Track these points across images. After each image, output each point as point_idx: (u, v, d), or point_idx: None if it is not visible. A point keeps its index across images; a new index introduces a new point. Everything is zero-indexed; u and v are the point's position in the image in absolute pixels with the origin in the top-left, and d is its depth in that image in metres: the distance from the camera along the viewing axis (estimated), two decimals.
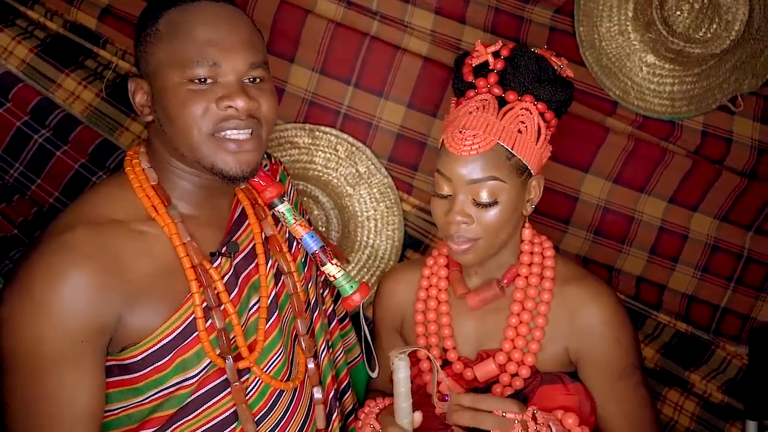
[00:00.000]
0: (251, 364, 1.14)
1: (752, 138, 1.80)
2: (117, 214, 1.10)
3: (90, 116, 1.82)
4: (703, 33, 1.72)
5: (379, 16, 1.80)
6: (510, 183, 1.20)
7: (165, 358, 1.09)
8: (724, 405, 1.85)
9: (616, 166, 1.82)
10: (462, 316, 1.35)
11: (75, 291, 1.02)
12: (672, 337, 1.88)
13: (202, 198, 1.18)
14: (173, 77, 1.07)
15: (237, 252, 1.19)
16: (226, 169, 1.11)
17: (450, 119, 1.27)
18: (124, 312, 1.06)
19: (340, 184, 1.84)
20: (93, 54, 1.85)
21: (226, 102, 1.08)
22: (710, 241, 1.85)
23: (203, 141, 1.09)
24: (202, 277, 1.11)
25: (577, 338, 1.27)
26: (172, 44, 1.09)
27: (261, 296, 1.20)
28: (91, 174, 1.81)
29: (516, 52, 1.24)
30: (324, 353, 1.33)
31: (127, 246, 1.08)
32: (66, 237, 1.05)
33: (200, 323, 1.10)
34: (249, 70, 1.11)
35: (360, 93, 1.82)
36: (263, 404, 1.17)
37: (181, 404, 1.11)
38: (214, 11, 1.11)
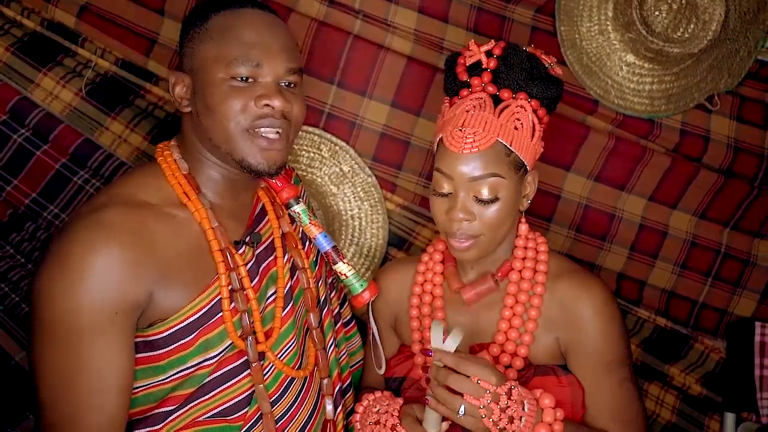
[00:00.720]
0: (267, 350, 1.22)
1: (729, 136, 1.84)
2: (149, 198, 1.18)
3: (69, 116, 1.79)
4: (681, 33, 1.75)
5: (361, 15, 1.80)
6: (509, 179, 1.23)
7: (189, 336, 1.15)
8: (703, 398, 1.89)
9: (597, 165, 1.85)
10: (456, 310, 1.38)
11: (109, 264, 1.08)
12: (652, 332, 1.91)
13: (228, 190, 1.27)
14: (217, 73, 1.18)
15: (259, 242, 1.27)
16: (255, 163, 1.20)
17: (446, 118, 1.28)
18: (155, 288, 1.12)
19: (324, 184, 1.84)
20: (71, 52, 1.82)
21: (264, 101, 1.18)
22: (689, 238, 1.89)
23: (238, 134, 1.18)
24: (228, 260, 1.19)
25: (568, 330, 1.29)
26: (219, 44, 1.19)
27: (278, 287, 1.27)
28: (73, 174, 1.78)
29: (508, 50, 1.27)
30: (332, 348, 1.40)
31: (159, 227, 1.15)
32: (101, 214, 1.11)
33: (225, 303, 1.18)
34: (286, 74, 1.21)
35: (343, 92, 1.82)
36: (275, 389, 1.24)
37: (200, 384, 1.17)
38: (261, 17, 1.23)
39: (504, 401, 1.14)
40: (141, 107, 1.84)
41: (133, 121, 1.81)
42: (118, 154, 1.80)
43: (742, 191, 1.85)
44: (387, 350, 1.48)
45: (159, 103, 1.84)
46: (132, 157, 1.80)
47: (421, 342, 1.40)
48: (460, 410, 1.14)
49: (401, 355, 1.44)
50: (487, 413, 1.13)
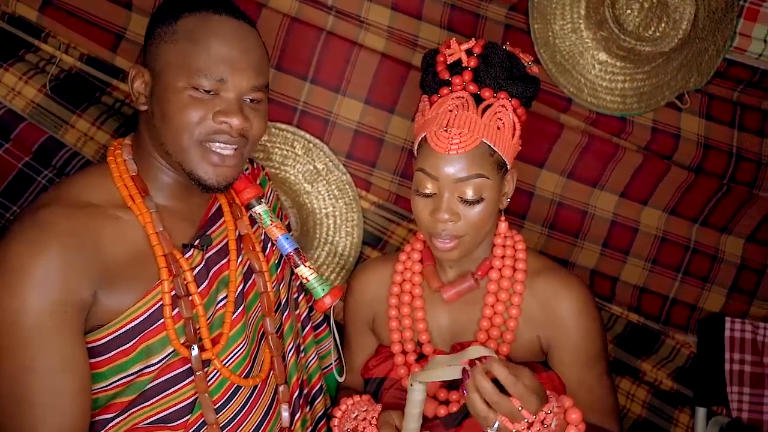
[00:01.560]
0: (213, 356, 1.18)
1: (698, 134, 1.87)
2: (94, 199, 1.15)
3: (33, 113, 1.73)
4: (652, 31, 1.76)
5: (334, 11, 1.78)
6: (493, 179, 1.23)
7: (129, 342, 1.12)
8: (674, 392, 1.92)
9: (570, 162, 1.86)
10: (436, 309, 1.37)
11: (52, 264, 1.05)
12: (624, 327, 1.94)
13: (179, 192, 1.23)
14: (179, 81, 1.13)
15: (210, 246, 1.23)
16: (204, 178, 1.17)
17: (428, 118, 1.27)
18: (99, 290, 1.09)
19: (297, 182, 1.81)
20: (34, 48, 1.76)
21: (222, 117, 1.14)
22: (659, 234, 1.91)
23: (191, 146, 1.15)
24: (172, 265, 1.15)
25: (549, 327, 1.30)
26: (185, 50, 1.14)
27: (229, 291, 1.23)
28: (36, 173, 1.72)
29: (488, 49, 1.27)
30: (291, 354, 1.36)
31: (103, 228, 1.12)
32: (42, 214, 1.08)
33: (167, 310, 1.14)
34: (250, 91, 1.17)
35: (317, 89, 1.79)
36: (219, 396, 1.20)
37: (141, 391, 1.14)
38: (232, 27, 1.17)
39: (536, 428, 1.10)
40: (108, 104, 1.79)
41: (99, 118, 1.76)
42: (84, 153, 1.75)
43: (711, 188, 1.88)
44: (364, 350, 1.47)
45: (126, 101, 1.79)
46: (98, 156, 1.75)
47: (400, 342, 1.38)
48: (494, 426, 1.08)
49: (380, 356, 1.42)
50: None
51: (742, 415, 1.83)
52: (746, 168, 1.88)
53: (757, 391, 1.83)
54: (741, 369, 1.85)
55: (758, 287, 1.93)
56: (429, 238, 1.28)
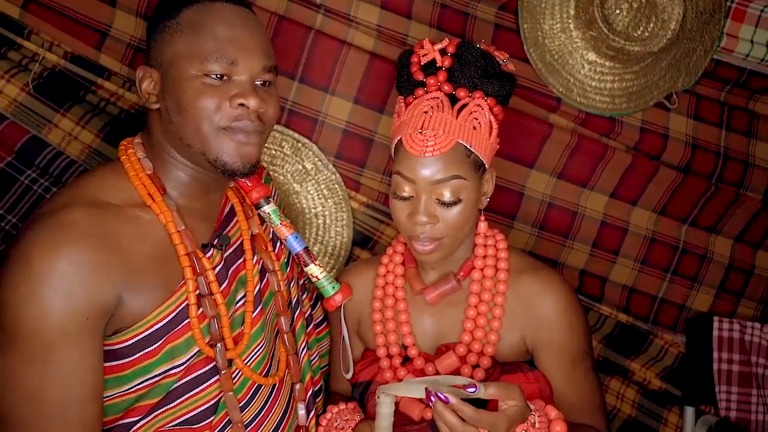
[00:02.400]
0: (235, 357, 1.17)
1: (687, 134, 1.87)
2: (112, 199, 1.12)
3: (15, 112, 1.70)
4: (641, 31, 1.77)
5: (323, 9, 1.77)
6: (470, 180, 1.22)
7: (155, 344, 1.09)
8: (663, 392, 1.92)
9: (559, 162, 1.85)
10: (419, 312, 1.36)
11: (76, 266, 1.01)
12: (614, 328, 1.94)
13: (195, 191, 1.20)
14: (190, 69, 1.11)
15: (228, 245, 1.22)
16: (230, 162, 1.14)
17: (403, 120, 1.25)
18: (124, 292, 1.06)
19: (286, 182, 1.79)
20: (16, 45, 1.73)
21: (239, 100, 1.12)
22: (648, 234, 1.91)
23: (213, 133, 1.12)
24: (195, 264, 1.13)
25: (533, 327, 1.29)
26: (191, 38, 1.12)
27: (247, 291, 1.22)
28: (19, 173, 1.69)
29: (462, 48, 1.25)
30: (304, 352, 1.36)
31: (124, 229, 1.09)
32: (63, 215, 1.04)
33: (192, 310, 1.12)
34: (262, 73, 1.15)
35: (305, 88, 1.78)
36: (243, 395, 1.20)
37: (166, 392, 1.12)
38: (235, 12, 1.16)
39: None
40: (92, 103, 1.76)
41: (83, 117, 1.73)
42: (68, 152, 1.72)
43: (700, 188, 1.89)
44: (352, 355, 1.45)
45: (112, 99, 1.76)
46: (83, 156, 1.72)
47: (385, 346, 1.37)
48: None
49: (366, 360, 1.40)
50: None
51: (730, 414, 1.84)
52: (734, 168, 1.89)
53: (745, 390, 1.84)
54: (729, 368, 1.86)
55: (746, 287, 1.94)
56: (409, 241, 1.27)
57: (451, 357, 1.29)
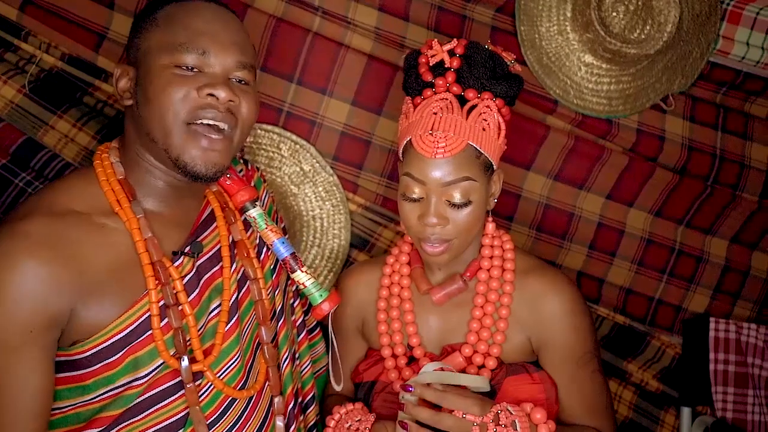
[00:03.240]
0: (205, 368, 1.13)
1: (683, 136, 1.88)
2: (79, 206, 1.09)
3: (11, 114, 1.69)
4: (637, 34, 1.78)
5: (321, 11, 1.77)
6: (480, 181, 1.22)
7: (116, 355, 1.07)
8: (660, 393, 1.93)
9: (556, 164, 1.86)
10: (425, 312, 1.36)
11: (27, 279, 1.00)
12: (611, 329, 1.94)
13: (170, 197, 1.17)
14: (161, 60, 1.09)
15: (201, 253, 1.18)
16: (191, 164, 1.10)
17: (412, 121, 1.25)
18: (77, 305, 1.04)
19: (284, 184, 1.79)
20: (14, 47, 1.72)
21: (207, 90, 1.09)
22: (645, 236, 1.92)
23: (177, 127, 1.09)
24: (160, 274, 1.10)
25: (539, 327, 1.30)
26: (165, 30, 1.11)
27: (223, 300, 1.18)
28: (14, 176, 1.68)
29: (470, 49, 1.25)
30: (286, 363, 1.32)
31: (86, 238, 1.07)
32: (22, 225, 1.03)
33: (155, 321, 1.09)
34: (236, 68, 1.13)
35: (303, 90, 1.78)
36: (214, 410, 1.16)
37: (129, 405, 1.09)
38: (213, 10, 1.16)
39: (492, 429, 1.13)
40: (89, 105, 1.75)
41: (80, 119, 1.72)
42: (64, 155, 1.71)
43: (696, 190, 1.89)
44: (354, 355, 1.45)
45: (109, 101, 1.76)
46: (79, 158, 1.72)
47: (390, 346, 1.37)
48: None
49: (370, 360, 1.41)
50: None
51: (726, 414, 1.84)
52: (729, 170, 1.90)
53: (742, 391, 1.85)
54: (725, 369, 1.86)
55: (742, 288, 1.95)
56: (418, 243, 1.27)
57: (457, 358, 1.30)
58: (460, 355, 1.29)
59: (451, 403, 1.15)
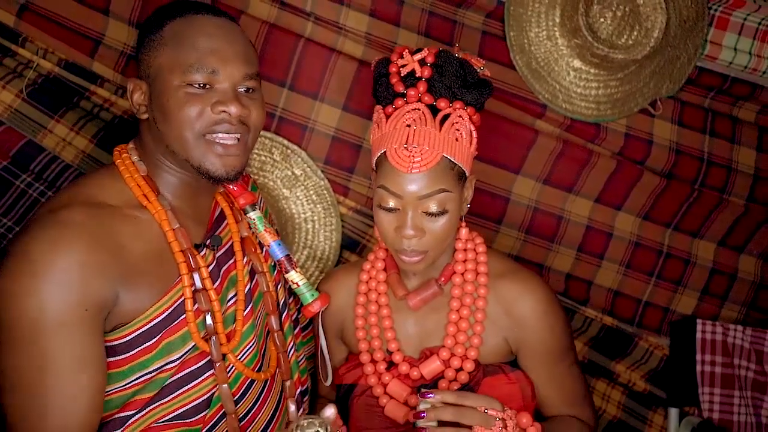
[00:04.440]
0: (228, 352, 1.21)
1: (670, 140, 1.90)
2: (110, 200, 1.17)
3: (11, 118, 1.73)
4: (625, 39, 1.80)
5: (313, 17, 1.79)
6: (455, 191, 1.23)
7: (152, 339, 1.14)
8: (648, 393, 1.95)
9: (545, 168, 1.88)
10: (403, 317, 1.38)
11: (73, 263, 1.06)
12: (599, 330, 1.96)
13: (186, 193, 1.26)
14: (173, 80, 1.17)
15: (219, 245, 1.27)
16: (213, 169, 1.20)
17: (385, 132, 1.25)
18: (120, 289, 1.11)
19: (276, 187, 1.82)
20: (11, 52, 1.76)
21: (220, 107, 1.17)
22: (633, 239, 1.94)
23: (194, 141, 1.18)
24: (191, 261, 1.18)
25: (515, 328, 1.32)
26: (175, 51, 1.18)
27: (238, 290, 1.27)
28: (15, 177, 1.72)
29: (441, 58, 1.25)
30: (292, 351, 1.40)
31: (121, 228, 1.14)
32: (63, 214, 1.09)
33: (189, 304, 1.17)
34: (243, 80, 1.20)
35: (295, 95, 1.81)
36: (237, 389, 1.24)
37: (161, 387, 1.16)
38: (216, 24, 1.21)
39: (511, 426, 1.16)
40: (86, 109, 1.79)
41: (77, 123, 1.76)
42: (63, 157, 1.75)
43: (683, 193, 1.91)
44: (335, 359, 1.47)
45: (105, 105, 1.79)
46: (77, 160, 1.76)
47: (369, 352, 1.38)
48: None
49: (350, 363, 1.42)
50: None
51: (713, 415, 1.87)
52: (717, 173, 1.92)
53: (728, 392, 1.87)
54: (712, 370, 1.89)
55: (729, 290, 1.97)
56: (395, 253, 1.29)
57: (435, 361, 1.31)
58: (438, 359, 1.31)
59: (472, 401, 1.17)
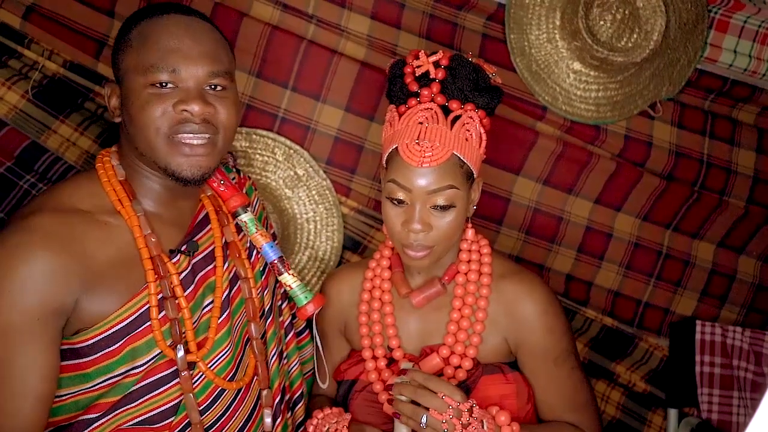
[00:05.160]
0: (198, 359, 1.20)
1: (670, 142, 1.91)
2: (83, 205, 1.17)
3: (15, 118, 1.75)
4: (624, 42, 1.81)
5: (315, 19, 1.81)
6: (462, 189, 1.26)
7: (116, 344, 1.13)
8: (647, 394, 1.96)
9: (545, 169, 1.90)
10: (405, 314, 1.40)
11: (35, 269, 1.07)
12: (599, 331, 1.97)
13: (166, 198, 1.25)
14: (138, 81, 1.16)
15: (196, 251, 1.26)
16: (179, 170, 1.18)
17: (397, 129, 1.29)
18: (82, 295, 1.11)
19: (278, 187, 1.84)
20: (17, 54, 1.78)
21: (181, 106, 1.15)
22: (633, 240, 1.95)
23: (160, 141, 1.16)
24: (159, 268, 1.17)
25: (515, 329, 1.34)
26: (139, 52, 1.17)
27: (215, 297, 1.25)
28: (18, 178, 1.74)
29: (455, 61, 1.29)
30: (274, 359, 1.38)
31: (90, 234, 1.14)
32: (30, 220, 1.10)
33: (153, 312, 1.16)
34: (209, 78, 1.18)
35: (297, 96, 1.82)
36: (205, 398, 1.22)
37: (126, 392, 1.15)
38: (181, 23, 1.20)
39: (466, 418, 1.19)
40: (90, 110, 1.81)
41: (82, 124, 1.78)
42: (66, 158, 1.76)
43: (683, 195, 1.93)
44: (337, 355, 1.50)
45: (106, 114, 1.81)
46: (81, 161, 1.77)
47: (371, 348, 1.41)
48: (422, 420, 1.20)
49: (352, 360, 1.45)
50: (449, 428, 1.19)
51: (711, 416, 1.87)
52: (716, 175, 1.93)
53: (727, 393, 1.88)
54: (711, 371, 1.90)
55: (728, 292, 1.98)
56: (400, 248, 1.31)
57: (435, 359, 1.33)
58: (438, 356, 1.33)
59: (435, 385, 1.22)
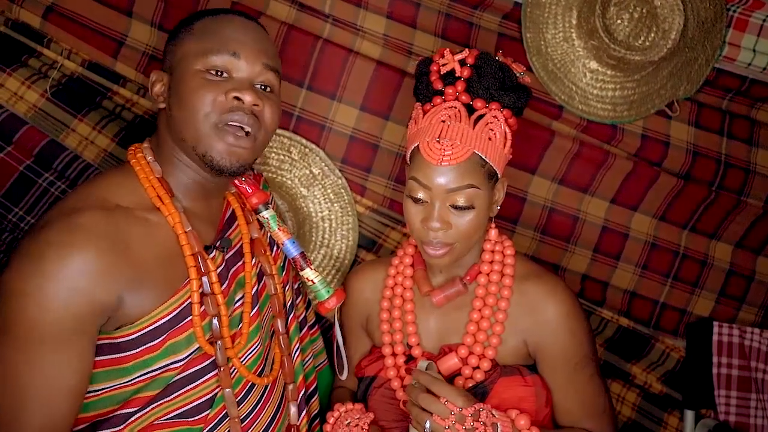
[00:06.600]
0: (233, 356, 1.22)
1: (687, 142, 1.90)
2: (123, 201, 1.18)
3: (34, 117, 1.77)
4: (642, 41, 1.80)
5: (331, 19, 1.82)
6: (484, 189, 1.26)
7: (157, 339, 1.15)
8: (663, 395, 1.94)
9: (561, 168, 1.89)
10: (425, 313, 1.40)
11: (84, 268, 1.07)
12: (615, 332, 1.96)
13: (198, 194, 1.27)
14: (194, 65, 1.19)
15: (229, 247, 1.28)
16: (218, 158, 1.19)
17: (421, 127, 1.29)
18: (125, 293, 1.12)
19: (294, 186, 1.84)
20: (36, 53, 1.80)
21: (234, 93, 1.18)
22: (649, 240, 1.94)
23: (206, 127, 1.18)
24: (200, 264, 1.19)
25: (536, 332, 1.33)
26: (200, 39, 1.21)
27: (245, 292, 1.28)
28: (37, 176, 1.76)
29: (481, 60, 1.28)
30: (297, 354, 1.41)
31: (133, 231, 1.15)
32: (76, 218, 1.10)
33: (195, 308, 1.18)
34: (262, 71, 1.22)
35: (313, 95, 1.83)
36: (238, 392, 1.25)
37: (164, 386, 1.17)
38: (244, 22, 1.26)
39: (470, 423, 1.18)
40: (108, 109, 1.82)
41: (100, 123, 1.80)
42: (85, 156, 1.78)
43: (700, 195, 1.91)
44: (358, 351, 1.51)
45: (127, 105, 1.83)
46: (99, 159, 1.79)
47: (390, 345, 1.42)
48: (426, 426, 1.20)
49: (372, 356, 1.46)
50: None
51: (729, 418, 1.86)
52: (734, 175, 1.91)
53: (744, 395, 1.86)
54: (728, 373, 1.88)
55: (746, 292, 1.96)
56: (420, 245, 1.31)
57: (453, 358, 1.33)
58: (456, 356, 1.33)
59: (438, 389, 1.22)
